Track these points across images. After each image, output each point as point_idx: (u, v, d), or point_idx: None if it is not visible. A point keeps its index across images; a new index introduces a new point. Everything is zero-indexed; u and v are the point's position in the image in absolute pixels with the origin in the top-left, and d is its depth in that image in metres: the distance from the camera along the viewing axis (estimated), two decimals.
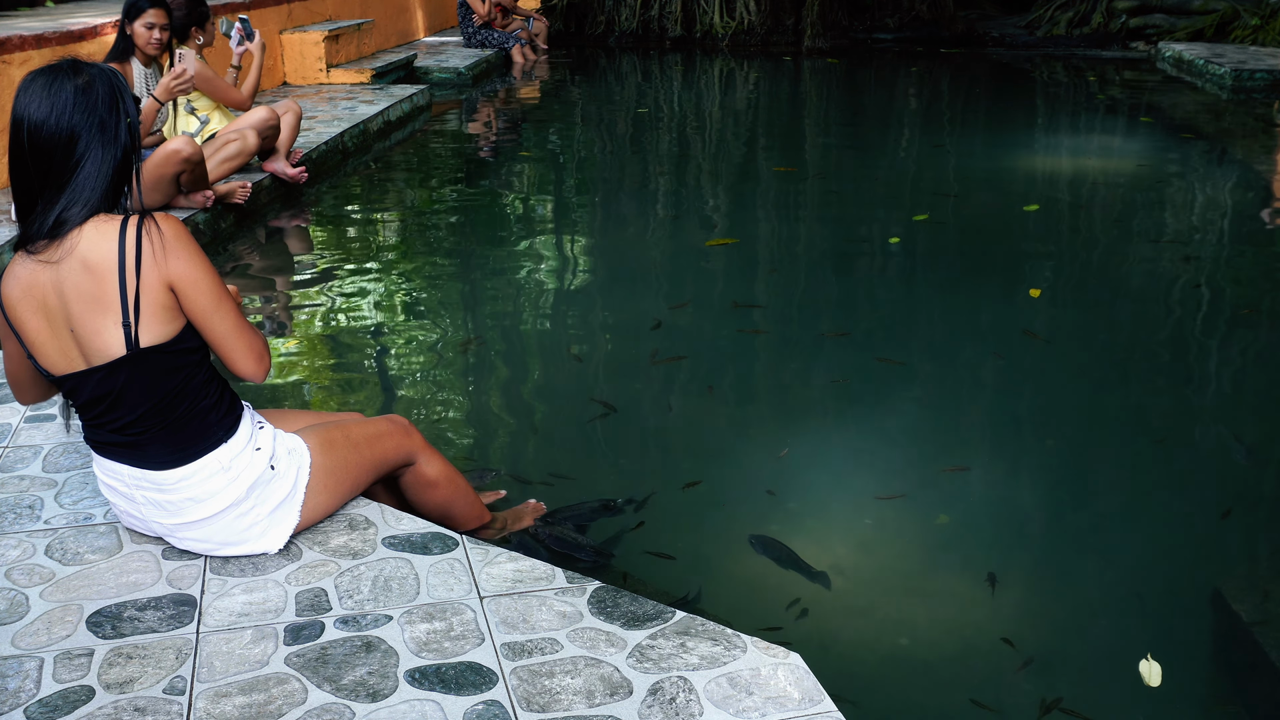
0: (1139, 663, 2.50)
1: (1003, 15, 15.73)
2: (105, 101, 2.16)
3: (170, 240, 2.17)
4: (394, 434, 2.65)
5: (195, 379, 2.27)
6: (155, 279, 2.15)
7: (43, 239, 2.14)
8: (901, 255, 5.65)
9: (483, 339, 4.54)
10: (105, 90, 2.17)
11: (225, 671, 2.04)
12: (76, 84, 2.14)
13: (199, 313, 2.22)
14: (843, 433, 3.73)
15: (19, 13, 7.61)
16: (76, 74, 2.16)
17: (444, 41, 13.07)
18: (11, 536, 2.50)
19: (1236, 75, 10.44)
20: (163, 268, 2.15)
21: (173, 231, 2.18)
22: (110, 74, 2.21)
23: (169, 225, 2.18)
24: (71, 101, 2.12)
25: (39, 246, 2.15)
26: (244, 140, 5.83)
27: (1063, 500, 3.28)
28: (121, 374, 2.20)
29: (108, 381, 2.21)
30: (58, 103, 2.12)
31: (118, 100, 2.18)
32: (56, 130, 2.12)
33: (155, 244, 2.15)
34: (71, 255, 2.13)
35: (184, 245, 2.19)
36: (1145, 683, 2.46)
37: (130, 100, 2.22)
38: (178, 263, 2.17)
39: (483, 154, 8.38)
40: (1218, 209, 6.52)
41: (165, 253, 2.15)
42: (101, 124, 2.15)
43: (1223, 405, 4.01)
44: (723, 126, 9.60)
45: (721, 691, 1.98)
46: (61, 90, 2.13)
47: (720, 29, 14.51)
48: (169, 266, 2.16)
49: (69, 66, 2.17)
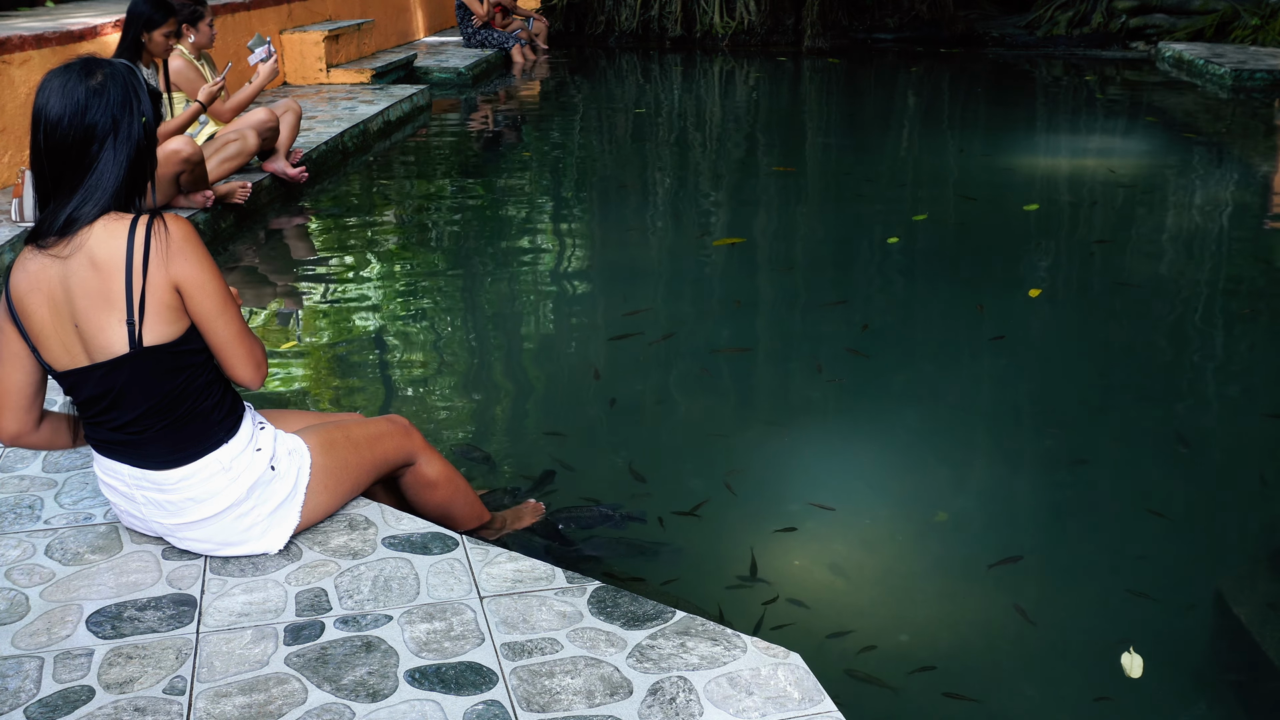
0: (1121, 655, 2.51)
1: (1003, 15, 15.73)
2: (119, 99, 2.16)
3: (179, 241, 2.17)
4: (394, 434, 2.65)
5: (197, 380, 2.27)
6: (161, 279, 2.16)
7: (54, 235, 2.15)
8: (901, 255, 5.65)
9: (483, 339, 4.54)
10: (120, 88, 2.17)
11: (225, 671, 2.04)
12: (90, 84, 2.15)
13: (202, 315, 2.23)
14: (843, 432, 3.73)
15: (19, 13, 7.61)
16: (91, 72, 2.16)
17: (444, 41, 13.07)
18: (11, 536, 2.50)
19: (1236, 75, 10.44)
20: (169, 268, 2.16)
21: (181, 233, 2.18)
22: (126, 71, 2.21)
23: (178, 226, 2.19)
24: (85, 100, 2.13)
25: (49, 241, 2.16)
26: (244, 140, 5.83)
27: (1063, 499, 3.28)
28: (123, 372, 2.20)
29: (109, 379, 2.21)
30: (71, 101, 2.13)
31: (132, 98, 2.18)
32: (71, 128, 2.13)
33: (163, 244, 2.15)
34: (80, 251, 2.14)
35: (192, 247, 2.19)
36: (1126, 674, 2.47)
37: (146, 97, 2.22)
38: (185, 264, 2.17)
39: (483, 154, 8.38)
40: (1218, 208, 6.52)
41: (173, 253, 2.16)
42: (115, 122, 2.15)
43: (1223, 405, 4.01)
44: (723, 126, 9.60)
45: (721, 691, 1.98)
46: (76, 89, 2.14)
47: (720, 29, 14.51)
48: (176, 267, 2.16)
49: (84, 64, 2.18)
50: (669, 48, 14.37)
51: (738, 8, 14.54)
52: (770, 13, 14.50)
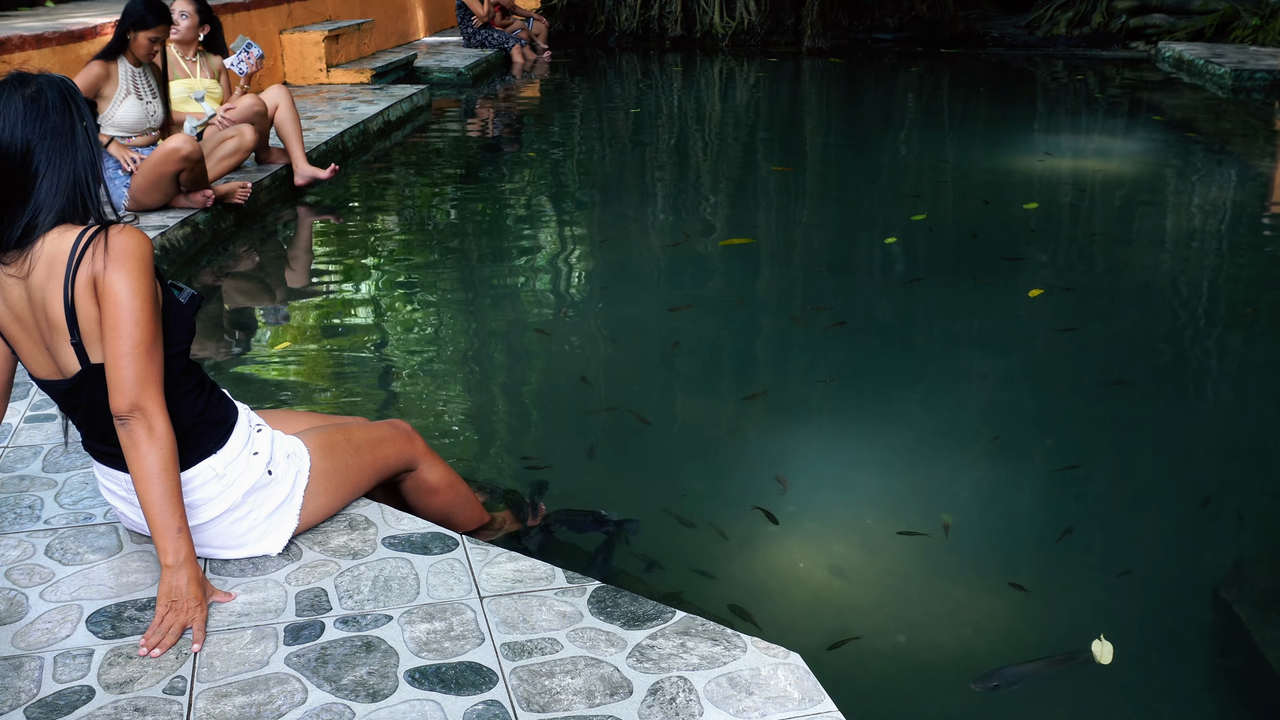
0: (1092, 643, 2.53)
1: (1003, 15, 15.73)
2: (57, 108, 2.10)
3: (114, 251, 2.06)
4: (396, 439, 2.64)
5: (172, 391, 2.19)
6: (85, 287, 2.06)
7: (12, 249, 2.10)
8: (900, 255, 5.65)
9: (483, 340, 4.54)
10: (56, 97, 2.11)
11: (225, 671, 2.04)
12: (25, 94, 2.09)
13: (104, 330, 2.06)
14: (843, 432, 3.73)
15: (19, 13, 7.61)
16: (24, 85, 2.11)
17: (444, 41, 13.07)
18: (11, 536, 2.50)
19: (1236, 75, 10.45)
20: (93, 273, 2.06)
21: (121, 245, 2.07)
22: (60, 81, 2.16)
23: (120, 238, 2.08)
24: (22, 112, 2.08)
25: (10, 258, 2.10)
26: (241, 137, 5.83)
27: (1063, 500, 3.28)
28: (86, 388, 2.16)
29: (76, 394, 2.19)
30: (7, 116, 2.07)
31: (70, 105, 2.13)
32: (10, 143, 2.07)
33: (97, 255, 2.05)
34: (36, 267, 2.08)
35: (126, 263, 2.06)
36: (1097, 660, 2.48)
37: (84, 104, 2.16)
38: (108, 270, 2.05)
39: (483, 154, 8.38)
40: (1218, 208, 6.52)
41: (100, 258, 2.05)
42: (55, 131, 2.09)
43: (1223, 404, 4.01)
44: (723, 126, 9.60)
45: (721, 691, 1.98)
46: (10, 103, 2.08)
47: (720, 29, 14.51)
48: (99, 271, 2.05)
49: (15, 79, 2.12)
50: (669, 48, 14.37)
51: (738, 8, 14.54)
52: (770, 13, 14.50)
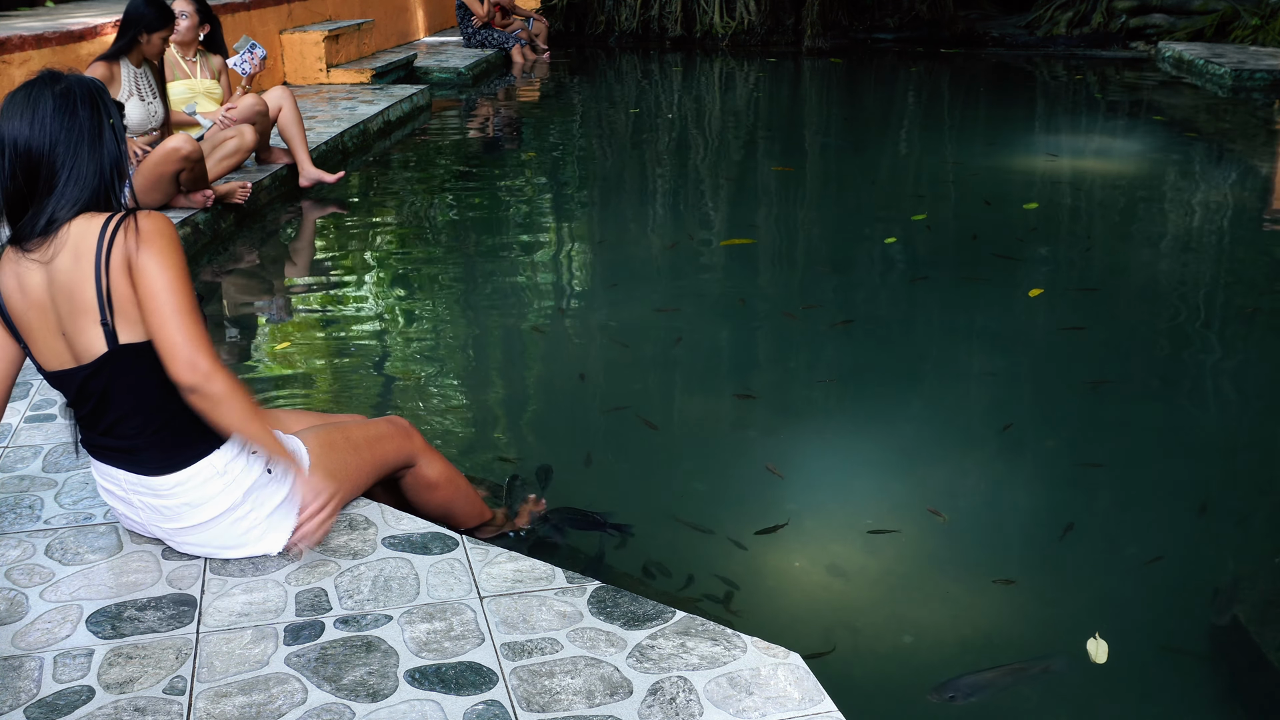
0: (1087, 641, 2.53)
1: (1003, 15, 15.73)
2: (86, 106, 2.17)
3: (145, 232, 2.13)
4: (395, 436, 2.64)
5: (172, 389, 2.20)
6: (120, 268, 2.13)
7: (36, 237, 2.15)
8: (900, 254, 5.65)
9: (483, 339, 4.54)
10: (84, 95, 2.18)
11: (225, 671, 2.04)
12: (55, 91, 2.16)
13: (144, 307, 2.14)
14: (842, 432, 3.73)
15: (19, 13, 7.61)
16: (54, 83, 2.18)
17: (444, 41, 13.07)
18: (11, 536, 2.50)
19: (1236, 75, 10.44)
20: (127, 255, 2.12)
21: (150, 226, 2.15)
22: (90, 81, 2.23)
23: (149, 221, 2.15)
24: (52, 109, 2.14)
25: (33, 245, 2.16)
26: (241, 137, 5.82)
27: (1063, 500, 3.28)
28: (106, 372, 2.19)
29: (94, 380, 2.20)
30: (39, 114, 2.14)
31: (98, 104, 2.19)
32: (41, 140, 2.13)
33: (129, 236, 2.13)
34: (61, 253, 2.14)
35: (156, 241, 2.14)
36: (1092, 659, 2.48)
37: (111, 103, 2.23)
38: (142, 252, 2.12)
39: (483, 154, 8.38)
40: (1218, 208, 6.52)
41: (133, 242, 2.12)
42: (83, 129, 2.16)
43: (1223, 404, 4.01)
44: (723, 126, 9.60)
45: (721, 691, 1.98)
46: (41, 101, 2.15)
47: (720, 29, 14.51)
48: (133, 254, 2.12)
49: (47, 76, 2.19)
50: (669, 48, 14.37)
51: (738, 8, 14.54)
52: (770, 13, 14.50)
